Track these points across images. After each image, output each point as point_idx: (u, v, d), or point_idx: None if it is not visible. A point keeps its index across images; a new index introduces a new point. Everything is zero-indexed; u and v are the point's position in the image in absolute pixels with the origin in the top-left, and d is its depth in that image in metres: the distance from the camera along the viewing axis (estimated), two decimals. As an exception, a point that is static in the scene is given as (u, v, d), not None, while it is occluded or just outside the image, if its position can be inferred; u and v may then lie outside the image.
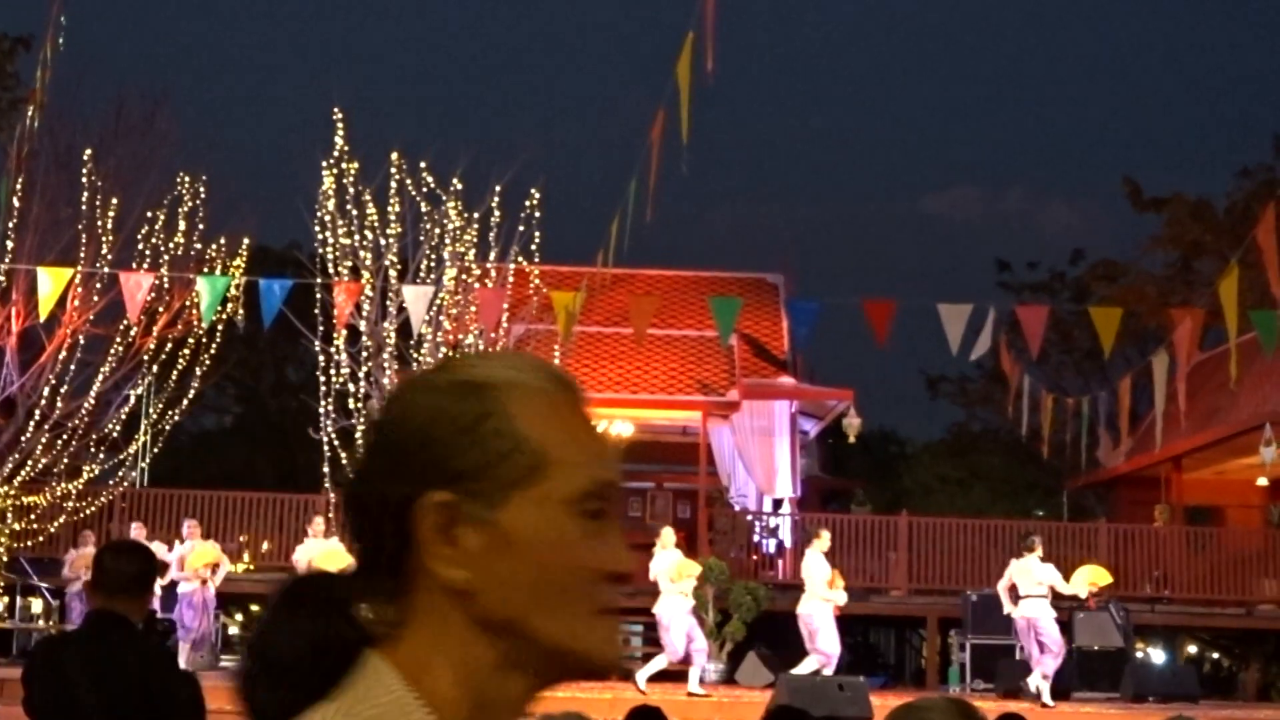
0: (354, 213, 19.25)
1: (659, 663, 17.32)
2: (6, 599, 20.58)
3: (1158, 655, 26.85)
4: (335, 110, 19.28)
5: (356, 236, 19.25)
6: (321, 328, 19.07)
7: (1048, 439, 21.16)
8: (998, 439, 43.70)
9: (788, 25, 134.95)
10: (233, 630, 26.53)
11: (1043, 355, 36.29)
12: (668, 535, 17.76)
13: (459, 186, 19.61)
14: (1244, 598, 23.06)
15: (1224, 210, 37.36)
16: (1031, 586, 17.33)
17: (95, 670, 4.25)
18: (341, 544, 18.31)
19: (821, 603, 17.07)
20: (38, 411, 20.92)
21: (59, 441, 21.12)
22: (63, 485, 21.26)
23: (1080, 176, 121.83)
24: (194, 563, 18.55)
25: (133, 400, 21.97)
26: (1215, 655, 29.63)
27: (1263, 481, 27.24)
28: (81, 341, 21.22)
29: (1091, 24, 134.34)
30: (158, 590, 16.09)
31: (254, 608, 28.44)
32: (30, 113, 19.48)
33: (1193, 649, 29.25)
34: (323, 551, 17.99)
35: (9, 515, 20.97)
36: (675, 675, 19.71)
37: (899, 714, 3.00)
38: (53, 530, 21.39)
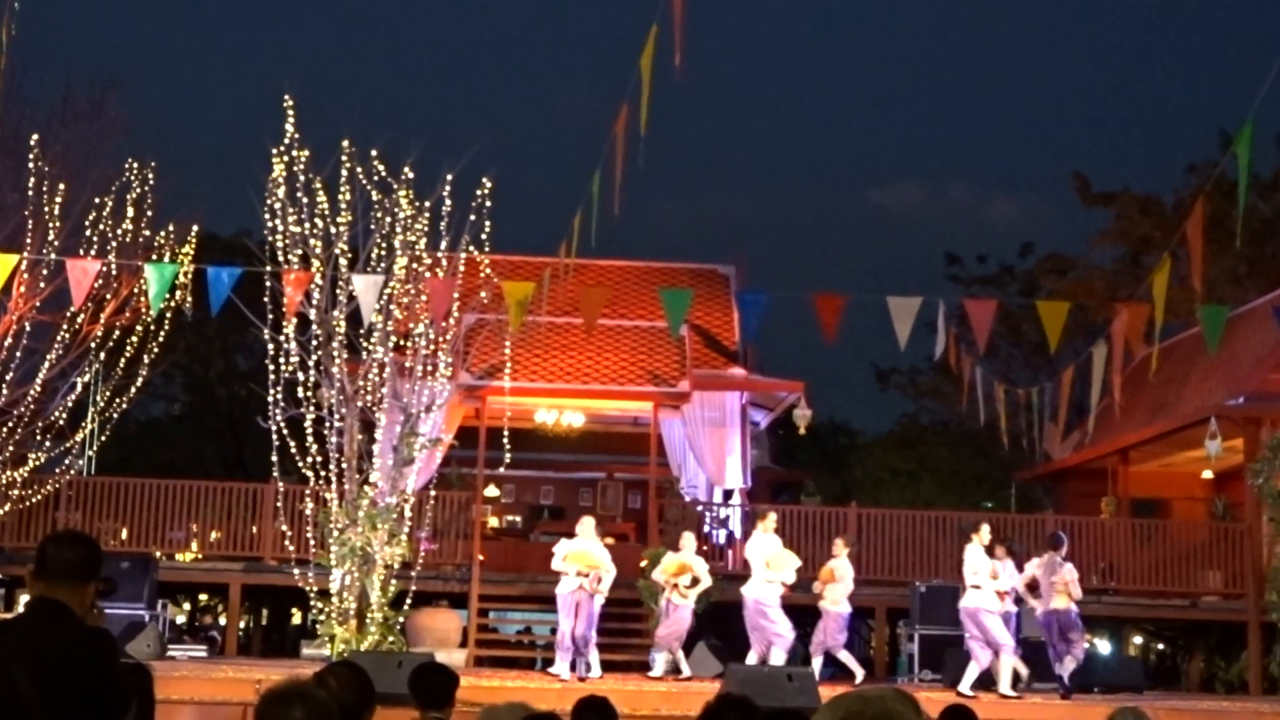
0: (304, 200, 19.09)
1: (562, 657, 17.58)
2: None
3: (1104, 646, 27.07)
4: (285, 98, 19.13)
5: (306, 224, 19.09)
6: (271, 316, 18.91)
7: (1003, 430, 21.30)
8: (947, 431, 43.98)
9: (735, 20, 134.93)
10: (179, 619, 26.36)
11: (992, 348, 36.58)
12: (587, 524, 18.10)
13: (410, 175, 19.50)
14: (1189, 589, 23.28)
15: (1172, 206, 37.73)
16: (976, 578, 17.36)
17: (33, 659, 4.20)
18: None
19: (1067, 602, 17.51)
20: (-18, 399, 20.72)
21: (4, 429, 20.91)
22: (8, 473, 21.06)
23: (1024, 171, 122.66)
24: (573, 562, 17.44)
25: (80, 388, 21.78)
26: (1160, 646, 29.91)
27: (1208, 474, 27.53)
28: (27, 328, 21.01)
29: (1035, 19, 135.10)
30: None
31: (202, 597, 28.28)
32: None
33: (1138, 640, 29.50)
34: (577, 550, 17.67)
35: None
36: (630, 665, 19.73)
37: (832, 703, 2.99)
38: (-2, 519, 21.24)
